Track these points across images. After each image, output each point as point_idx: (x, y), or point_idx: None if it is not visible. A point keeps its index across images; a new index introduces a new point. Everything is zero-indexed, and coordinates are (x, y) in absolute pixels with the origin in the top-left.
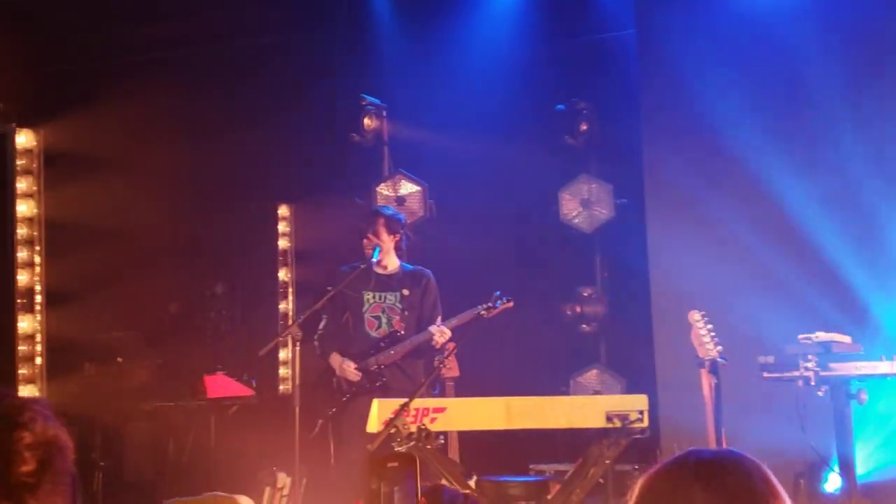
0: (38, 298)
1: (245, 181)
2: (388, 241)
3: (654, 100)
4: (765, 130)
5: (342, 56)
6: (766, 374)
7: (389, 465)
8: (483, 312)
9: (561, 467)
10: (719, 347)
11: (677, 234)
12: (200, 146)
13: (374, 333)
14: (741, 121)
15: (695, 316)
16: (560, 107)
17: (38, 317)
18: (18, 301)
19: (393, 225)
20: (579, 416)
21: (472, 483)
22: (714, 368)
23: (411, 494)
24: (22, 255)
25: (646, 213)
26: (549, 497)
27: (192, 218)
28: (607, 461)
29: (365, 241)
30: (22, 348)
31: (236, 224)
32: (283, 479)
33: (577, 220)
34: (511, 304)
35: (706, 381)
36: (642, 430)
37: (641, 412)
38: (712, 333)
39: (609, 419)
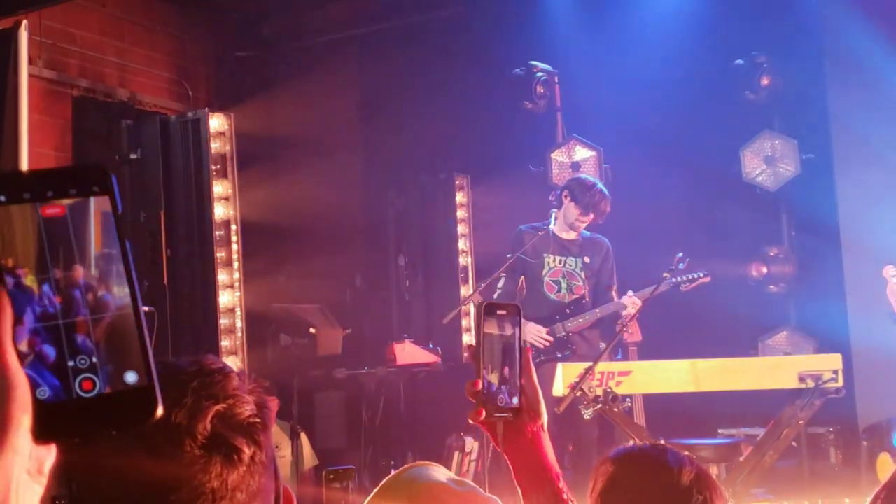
0: (236, 275)
1: (421, 154)
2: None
3: (838, 49)
4: None
5: (512, 24)
6: None
7: (499, 312)
8: (681, 286)
9: (751, 431)
10: None
11: (869, 188)
12: (377, 121)
13: (553, 297)
14: None
15: (890, 271)
16: (739, 61)
17: (237, 292)
18: (219, 278)
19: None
20: (770, 377)
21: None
22: None
23: (517, 341)
24: (220, 233)
25: (834, 167)
26: (740, 459)
27: (371, 192)
28: (800, 422)
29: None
30: (223, 322)
31: (415, 196)
32: (471, 444)
33: (760, 179)
34: (708, 279)
35: None
36: (837, 391)
37: (836, 372)
38: None
39: (801, 380)
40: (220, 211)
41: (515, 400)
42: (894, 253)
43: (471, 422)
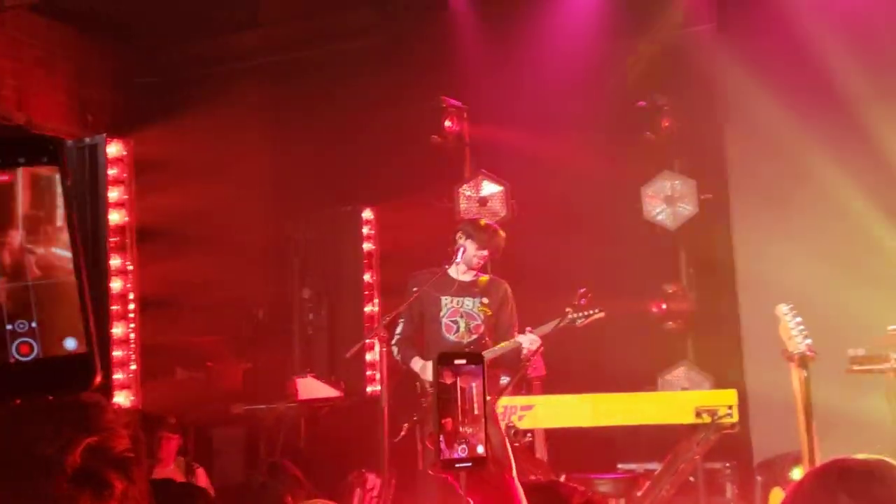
0: (131, 305)
1: (328, 185)
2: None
3: (736, 94)
4: (850, 121)
5: (422, 60)
6: (855, 367)
7: (456, 361)
8: (577, 322)
9: (650, 466)
10: (808, 341)
11: (763, 228)
12: (284, 152)
13: (452, 338)
14: (826, 112)
15: (782, 309)
16: (641, 103)
17: (132, 323)
18: (112, 308)
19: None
20: (667, 412)
21: (561, 481)
22: (803, 362)
23: (478, 390)
24: (115, 262)
25: (731, 208)
26: (638, 494)
27: (277, 223)
28: (697, 457)
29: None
30: (116, 354)
31: (321, 228)
32: (373, 481)
33: (660, 217)
34: (603, 314)
35: (796, 375)
36: (732, 426)
37: (731, 407)
38: (801, 327)
39: (698, 415)
40: (115, 239)
41: (480, 449)
42: (787, 291)
43: (430, 472)
